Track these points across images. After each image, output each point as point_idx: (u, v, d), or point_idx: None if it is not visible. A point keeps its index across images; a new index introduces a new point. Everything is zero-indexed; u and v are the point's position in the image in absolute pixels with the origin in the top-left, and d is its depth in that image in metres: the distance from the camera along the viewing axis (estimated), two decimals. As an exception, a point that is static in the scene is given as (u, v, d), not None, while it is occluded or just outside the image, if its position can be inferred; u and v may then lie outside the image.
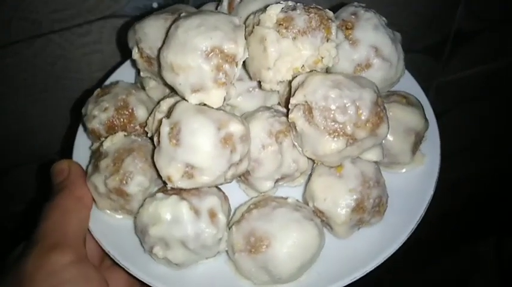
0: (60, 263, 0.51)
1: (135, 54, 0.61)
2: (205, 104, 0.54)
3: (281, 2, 0.55)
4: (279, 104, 0.64)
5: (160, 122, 0.54)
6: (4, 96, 0.76)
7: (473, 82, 1.19)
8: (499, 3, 1.03)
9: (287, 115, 0.57)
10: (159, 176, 0.54)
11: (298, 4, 0.55)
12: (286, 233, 0.53)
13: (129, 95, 0.64)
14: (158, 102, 0.60)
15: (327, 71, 0.60)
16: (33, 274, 0.50)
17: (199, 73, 0.52)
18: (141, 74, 0.64)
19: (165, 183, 0.54)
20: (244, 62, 0.56)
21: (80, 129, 0.67)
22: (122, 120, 0.62)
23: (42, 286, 0.50)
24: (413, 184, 0.62)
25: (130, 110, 0.63)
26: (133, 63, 0.64)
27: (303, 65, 0.54)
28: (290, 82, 0.57)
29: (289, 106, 0.56)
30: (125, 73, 0.71)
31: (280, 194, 0.61)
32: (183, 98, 0.54)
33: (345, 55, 0.58)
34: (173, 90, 0.55)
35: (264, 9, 0.54)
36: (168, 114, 0.54)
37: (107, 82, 0.69)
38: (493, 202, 1.65)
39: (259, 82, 0.57)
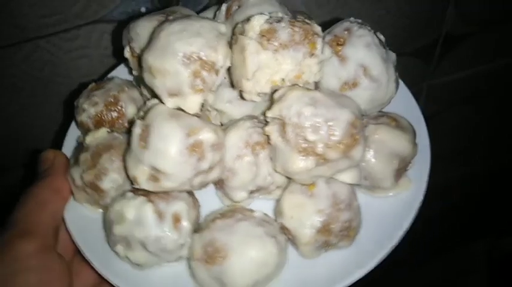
0: (24, 251, 0.53)
1: (127, 53, 0.62)
2: (182, 109, 0.54)
3: (269, 13, 0.54)
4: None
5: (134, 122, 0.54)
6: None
7: (463, 84, 1.18)
8: (490, 6, 1.00)
9: (268, 127, 0.56)
10: (128, 176, 0.54)
11: (285, 16, 0.53)
12: (243, 248, 0.52)
13: (120, 92, 0.64)
14: (145, 102, 0.60)
15: (316, 86, 0.59)
16: None
17: (176, 78, 0.52)
18: (133, 72, 0.64)
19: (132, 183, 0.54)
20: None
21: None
22: (110, 116, 0.63)
23: (2, 273, 0.51)
24: (394, 210, 0.59)
25: (119, 107, 0.64)
26: (127, 62, 0.65)
27: (283, 79, 0.53)
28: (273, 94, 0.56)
29: (267, 119, 0.55)
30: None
31: (259, 206, 0.60)
32: (161, 101, 0.54)
33: (333, 72, 0.56)
34: (153, 93, 0.56)
35: (249, 18, 0.53)
36: (144, 116, 0.54)
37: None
38: (485, 204, 1.64)
39: (241, 92, 0.56)
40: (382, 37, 0.60)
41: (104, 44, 0.75)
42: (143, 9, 0.72)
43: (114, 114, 0.63)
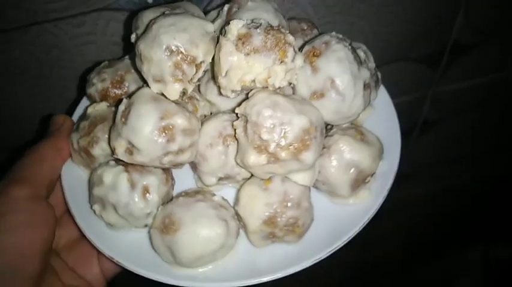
0: (16, 194, 0.60)
1: (133, 39, 0.69)
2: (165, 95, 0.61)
3: (252, 19, 0.60)
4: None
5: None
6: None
7: (469, 93, 1.16)
8: (498, 16, 0.98)
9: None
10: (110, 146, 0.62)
11: (263, 23, 0.58)
12: (193, 224, 0.58)
13: (127, 73, 0.72)
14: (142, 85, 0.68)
15: (293, 91, 0.63)
16: None
17: (159, 66, 0.59)
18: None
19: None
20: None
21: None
22: (114, 92, 0.72)
23: None
24: (346, 217, 0.63)
25: (123, 86, 0.72)
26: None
27: (254, 80, 0.58)
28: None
29: (238, 115, 0.60)
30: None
31: (227, 193, 0.66)
32: (148, 86, 0.62)
33: (305, 80, 0.61)
34: (142, 77, 0.63)
35: (229, 22, 0.59)
36: (131, 95, 0.62)
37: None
38: (483, 210, 1.63)
39: (218, 87, 0.62)
40: (362, 54, 0.63)
41: (110, 32, 0.79)
42: (150, 0, 0.77)
43: (118, 91, 0.71)
